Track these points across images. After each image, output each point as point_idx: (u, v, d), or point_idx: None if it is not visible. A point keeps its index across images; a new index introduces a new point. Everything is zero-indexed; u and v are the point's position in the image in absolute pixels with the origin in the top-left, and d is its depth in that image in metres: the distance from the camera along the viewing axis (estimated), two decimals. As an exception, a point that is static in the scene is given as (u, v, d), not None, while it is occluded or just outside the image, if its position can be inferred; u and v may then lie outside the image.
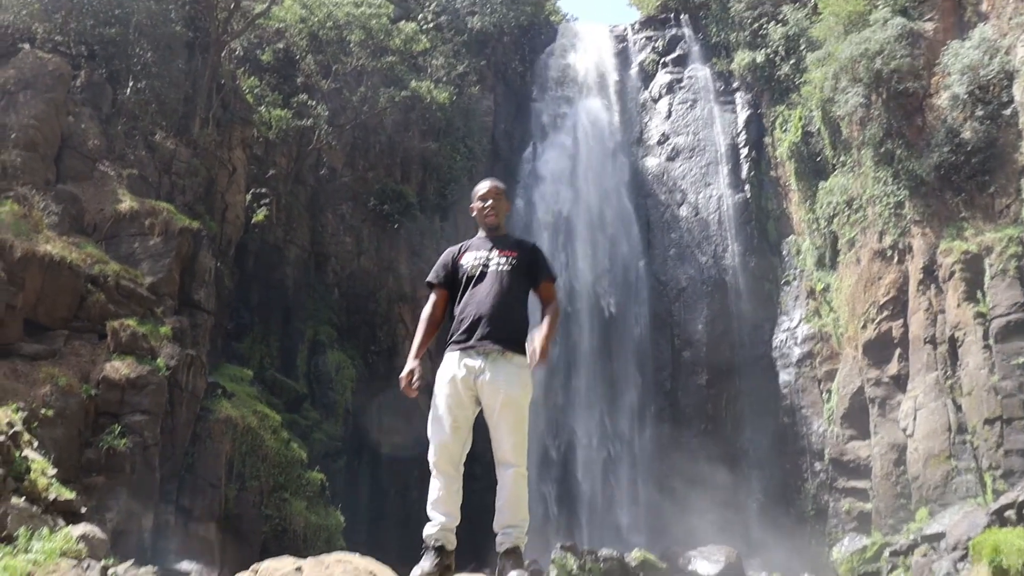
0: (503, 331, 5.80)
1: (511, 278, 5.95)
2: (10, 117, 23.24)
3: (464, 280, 6.01)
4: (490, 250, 6.06)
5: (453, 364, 5.82)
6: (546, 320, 5.89)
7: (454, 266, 6.13)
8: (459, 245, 6.27)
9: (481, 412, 5.85)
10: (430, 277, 6.22)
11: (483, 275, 5.96)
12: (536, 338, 5.73)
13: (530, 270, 6.04)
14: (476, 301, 5.89)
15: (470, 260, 6.05)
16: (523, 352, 5.81)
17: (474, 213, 6.26)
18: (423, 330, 6.07)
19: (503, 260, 5.98)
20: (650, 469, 33.99)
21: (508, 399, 5.71)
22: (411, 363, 5.88)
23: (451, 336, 5.96)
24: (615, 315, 36.45)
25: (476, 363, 5.75)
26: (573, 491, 33.89)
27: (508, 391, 5.72)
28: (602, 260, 37.13)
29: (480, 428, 5.88)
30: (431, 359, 6.45)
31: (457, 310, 6.01)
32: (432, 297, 6.19)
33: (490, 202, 6.18)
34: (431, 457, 5.71)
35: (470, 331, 5.83)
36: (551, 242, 37.09)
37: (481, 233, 6.26)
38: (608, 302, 36.43)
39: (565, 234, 37.71)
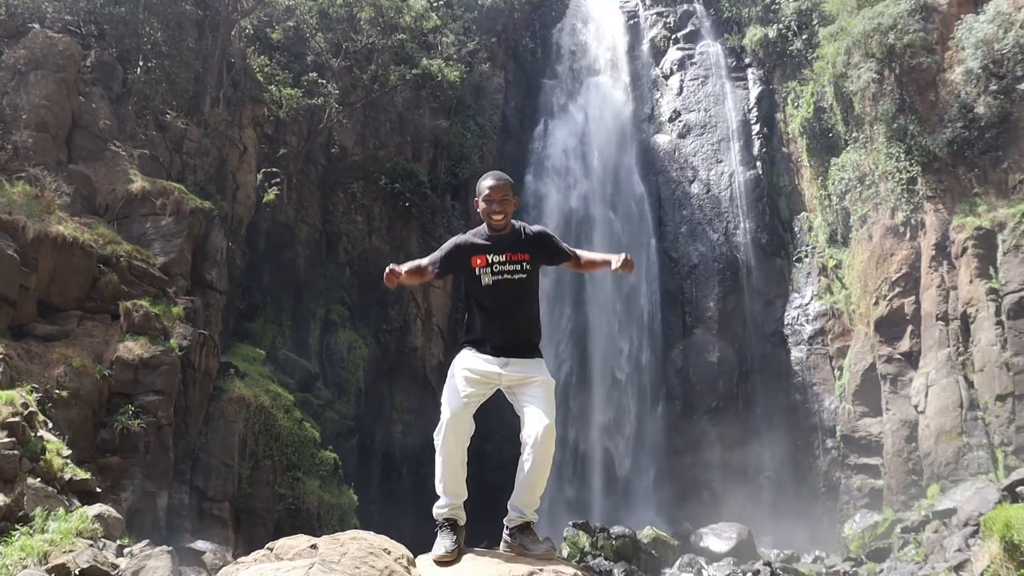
0: (523, 349, 5.83)
1: (524, 288, 5.84)
2: (21, 97, 23.26)
3: (478, 287, 5.79)
4: (500, 253, 5.78)
5: (476, 356, 5.77)
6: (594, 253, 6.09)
7: (462, 263, 5.84)
8: (467, 240, 5.90)
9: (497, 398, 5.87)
10: (428, 264, 5.87)
11: (498, 286, 5.77)
12: (612, 257, 5.81)
13: (551, 260, 5.97)
14: (498, 322, 5.80)
15: (482, 265, 5.78)
16: (540, 355, 5.89)
17: (479, 209, 5.86)
18: (413, 268, 5.86)
19: (515, 267, 5.78)
20: (662, 446, 34.08)
21: (540, 381, 5.72)
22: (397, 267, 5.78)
23: (468, 341, 5.87)
24: (627, 293, 36.45)
25: (501, 359, 5.74)
26: (585, 469, 34.00)
27: (538, 375, 5.75)
28: (613, 238, 37.04)
29: (488, 410, 5.88)
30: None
31: (475, 319, 5.89)
32: (428, 269, 5.85)
33: (495, 205, 5.78)
34: (439, 434, 5.61)
35: (495, 351, 5.77)
36: (561, 219, 37.05)
37: (485, 229, 5.87)
38: (620, 280, 36.38)
39: (575, 212, 37.64)
